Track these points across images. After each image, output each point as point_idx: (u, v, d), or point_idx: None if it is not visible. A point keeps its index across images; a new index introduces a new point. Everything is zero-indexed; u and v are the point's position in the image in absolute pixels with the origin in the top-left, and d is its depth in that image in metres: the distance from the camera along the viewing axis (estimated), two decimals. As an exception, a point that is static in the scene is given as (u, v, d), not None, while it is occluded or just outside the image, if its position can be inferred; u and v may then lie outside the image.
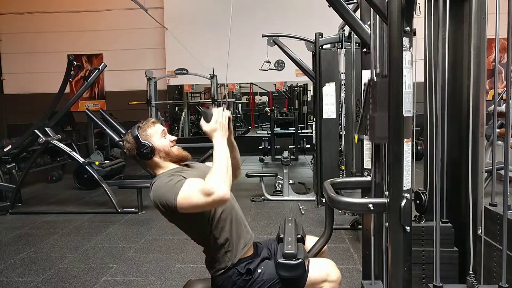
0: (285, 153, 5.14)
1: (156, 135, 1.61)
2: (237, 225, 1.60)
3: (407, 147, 1.24)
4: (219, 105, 1.58)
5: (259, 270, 1.55)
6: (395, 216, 1.25)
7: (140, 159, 1.60)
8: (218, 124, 1.49)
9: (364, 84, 1.57)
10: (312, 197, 4.74)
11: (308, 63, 4.60)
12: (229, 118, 1.55)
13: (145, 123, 1.64)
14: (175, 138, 1.66)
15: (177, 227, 1.64)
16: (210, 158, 1.53)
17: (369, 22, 1.52)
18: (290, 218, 1.83)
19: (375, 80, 1.38)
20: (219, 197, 1.34)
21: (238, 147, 1.71)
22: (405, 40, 1.21)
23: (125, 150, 1.66)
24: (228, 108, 1.59)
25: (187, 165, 1.69)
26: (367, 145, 1.63)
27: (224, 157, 1.43)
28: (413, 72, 1.27)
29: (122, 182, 5.06)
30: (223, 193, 1.34)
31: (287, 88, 12.75)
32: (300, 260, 1.48)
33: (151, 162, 1.61)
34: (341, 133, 4.39)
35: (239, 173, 1.77)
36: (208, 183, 1.35)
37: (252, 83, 14.07)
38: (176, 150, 1.64)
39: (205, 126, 1.50)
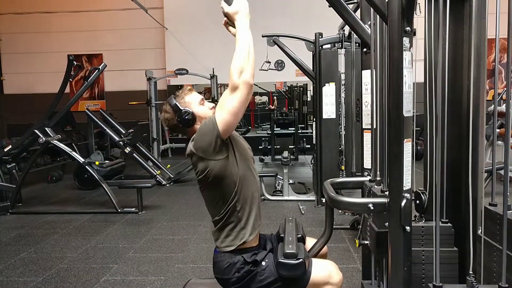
0: (285, 153, 5.14)
1: (195, 102, 1.58)
2: (257, 210, 1.58)
3: (407, 147, 1.24)
4: None
5: (263, 263, 1.53)
6: (395, 216, 1.25)
7: (182, 126, 1.57)
8: (241, 5, 1.41)
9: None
10: (312, 197, 4.74)
11: (308, 63, 4.60)
12: None
13: (182, 91, 1.61)
14: (214, 104, 1.62)
15: (202, 193, 1.58)
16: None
17: (369, 22, 1.52)
18: (290, 218, 1.83)
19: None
20: (244, 85, 1.35)
21: None
22: (405, 40, 1.21)
23: (163, 121, 1.62)
24: None
25: None
26: (367, 146, 1.64)
27: (245, 41, 1.38)
28: (413, 72, 1.27)
29: (122, 182, 5.06)
30: (245, 80, 1.35)
31: (287, 88, 12.75)
32: (301, 259, 1.48)
33: (192, 130, 1.57)
34: (341, 133, 4.40)
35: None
36: (230, 80, 1.36)
37: (252, 83, 14.05)
38: None
39: (226, 7, 1.43)
